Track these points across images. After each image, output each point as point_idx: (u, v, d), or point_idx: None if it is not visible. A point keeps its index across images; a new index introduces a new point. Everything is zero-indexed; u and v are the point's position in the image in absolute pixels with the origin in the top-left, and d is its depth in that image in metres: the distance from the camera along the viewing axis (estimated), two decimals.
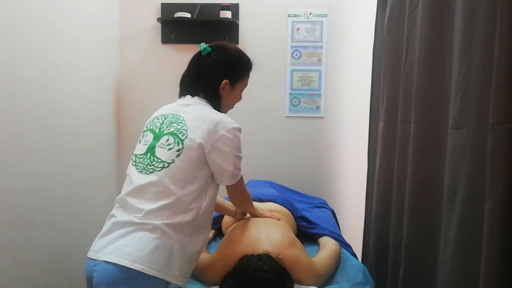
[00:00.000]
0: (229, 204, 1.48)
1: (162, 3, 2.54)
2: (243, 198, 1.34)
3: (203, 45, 1.27)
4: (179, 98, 1.31)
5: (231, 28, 2.52)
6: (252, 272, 1.09)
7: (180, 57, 1.53)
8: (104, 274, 1.06)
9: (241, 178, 1.24)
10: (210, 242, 1.57)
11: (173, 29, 2.55)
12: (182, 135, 1.15)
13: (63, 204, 1.97)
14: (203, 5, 2.51)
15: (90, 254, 1.13)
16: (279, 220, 1.46)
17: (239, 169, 1.20)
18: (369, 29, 1.80)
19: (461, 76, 1.00)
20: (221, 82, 1.25)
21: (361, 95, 2.08)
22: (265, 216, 1.44)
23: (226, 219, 1.62)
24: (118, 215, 1.15)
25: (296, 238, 1.33)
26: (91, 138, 2.25)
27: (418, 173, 1.23)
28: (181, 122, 1.18)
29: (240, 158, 1.19)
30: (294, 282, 1.17)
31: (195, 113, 1.19)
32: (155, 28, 2.57)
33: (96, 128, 2.31)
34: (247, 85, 1.35)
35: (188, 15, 2.46)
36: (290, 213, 1.62)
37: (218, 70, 1.25)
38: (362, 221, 1.82)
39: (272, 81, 2.57)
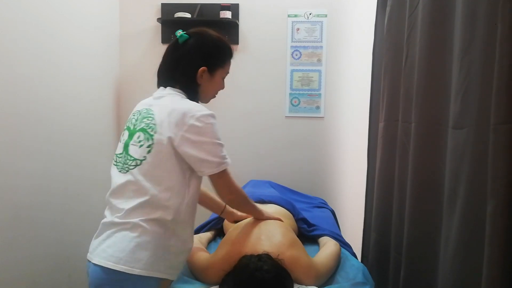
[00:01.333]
0: (217, 200, 1.42)
1: (162, 3, 2.54)
2: (231, 193, 1.19)
3: (180, 32, 1.20)
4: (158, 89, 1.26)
5: (231, 28, 2.52)
6: (252, 272, 1.09)
7: None
8: (93, 276, 1.10)
9: (225, 171, 1.14)
10: (210, 242, 1.57)
11: (173, 29, 2.50)
12: (152, 130, 1.12)
13: (62, 204, 1.97)
14: (203, 5, 2.50)
15: (87, 255, 1.15)
16: (280, 220, 1.46)
17: (220, 157, 1.11)
18: (369, 29, 1.80)
19: (462, 76, 1.00)
20: (199, 69, 1.18)
21: (361, 95, 2.08)
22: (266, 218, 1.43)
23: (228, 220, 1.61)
24: (107, 215, 1.16)
25: (297, 238, 1.33)
26: (91, 138, 2.24)
27: (419, 173, 1.23)
28: (150, 117, 1.14)
29: (218, 145, 1.12)
30: (294, 282, 1.16)
31: (164, 105, 1.14)
32: (155, 28, 2.57)
33: (96, 128, 2.31)
34: (228, 72, 1.28)
35: (188, 15, 2.46)
36: (291, 215, 1.61)
37: (195, 57, 1.19)
38: (362, 221, 1.82)
39: (272, 81, 2.57)
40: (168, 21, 2.52)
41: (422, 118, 1.22)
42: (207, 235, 1.59)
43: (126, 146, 1.17)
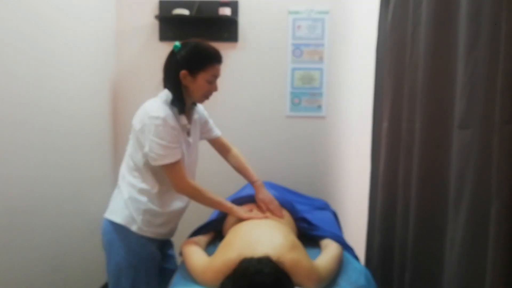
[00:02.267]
0: (250, 172, 1.75)
1: (160, 0, 2.51)
2: (176, 186, 1.43)
3: (176, 43, 1.43)
4: None
5: (230, 25, 2.49)
6: (252, 275, 1.07)
7: None
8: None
9: (168, 165, 1.38)
10: (209, 245, 1.55)
11: (171, 26, 2.52)
12: (134, 120, 1.45)
13: (58, 205, 1.95)
14: (202, 2, 2.47)
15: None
16: (267, 218, 1.48)
17: (156, 154, 1.36)
18: (372, 26, 1.77)
19: (467, 75, 0.99)
20: (179, 72, 1.39)
21: (363, 94, 2.05)
22: (246, 218, 1.46)
23: (227, 222, 1.59)
24: None
25: (298, 240, 1.31)
26: (87, 137, 2.22)
27: (424, 174, 1.22)
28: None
29: (156, 143, 1.35)
30: (295, 286, 1.14)
31: (144, 103, 1.45)
32: (153, 25, 2.54)
33: (91, 127, 2.29)
34: (215, 76, 1.44)
35: (186, 12, 2.43)
36: (289, 215, 1.59)
37: (179, 62, 1.40)
38: (365, 223, 1.80)
39: (272, 80, 2.54)
40: (166, 18, 2.49)
41: (427, 117, 1.21)
42: (206, 237, 1.57)
43: None
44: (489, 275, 0.84)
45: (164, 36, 2.53)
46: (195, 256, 1.33)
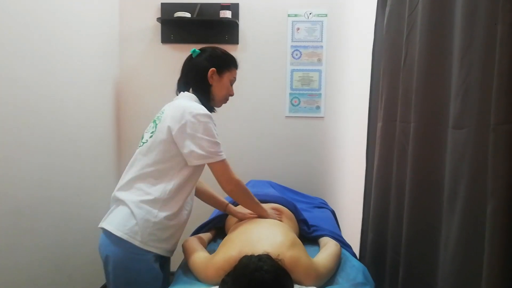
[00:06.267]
0: (220, 197, 1.59)
1: (162, 3, 2.54)
2: (229, 183, 1.36)
3: (194, 49, 1.46)
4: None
5: (231, 27, 2.51)
6: (252, 272, 1.08)
7: (180, 57, 1.53)
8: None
9: (222, 162, 1.33)
10: (210, 242, 1.57)
11: (173, 29, 2.55)
12: (158, 121, 1.36)
13: (62, 205, 1.96)
14: (203, 5, 2.50)
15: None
16: (280, 221, 1.46)
17: (209, 152, 1.30)
18: (369, 28, 1.80)
19: (462, 76, 0.99)
20: (209, 70, 1.40)
21: (361, 95, 2.07)
22: (269, 217, 1.44)
23: (229, 220, 1.61)
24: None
25: (297, 238, 1.33)
26: (90, 138, 2.24)
27: (418, 174, 1.22)
28: (162, 111, 1.39)
29: (209, 141, 1.30)
30: (294, 283, 1.16)
31: (174, 104, 1.37)
32: (155, 28, 2.57)
33: (95, 129, 2.31)
34: (235, 79, 1.49)
35: (188, 15, 2.46)
36: (293, 215, 1.61)
37: (205, 63, 1.42)
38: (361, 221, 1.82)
39: (272, 81, 2.57)
40: (168, 21, 2.52)
41: (421, 118, 1.21)
42: (207, 235, 1.59)
43: (143, 134, 1.43)
44: (485, 274, 0.83)
45: (166, 38, 2.56)
46: (197, 253, 1.34)
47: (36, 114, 1.78)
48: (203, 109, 1.33)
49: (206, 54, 1.44)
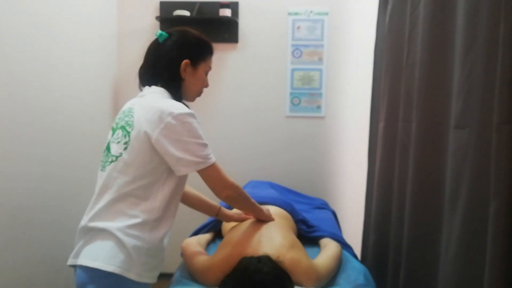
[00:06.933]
0: (210, 202, 1.42)
1: (161, 1, 2.52)
2: (225, 187, 1.16)
3: (159, 31, 1.23)
4: (140, 90, 1.28)
5: (230, 26, 2.50)
6: (252, 274, 1.08)
7: None
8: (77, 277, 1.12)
9: (214, 166, 1.12)
10: (209, 244, 1.56)
11: (172, 27, 2.51)
12: (129, 127, 1.12)
13: (59, 205, 1.96)
14: (202, 3, 2.49)
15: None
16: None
17: (198, 156, 1.09)
18: (371, 27, 1.78)
19: (464, 75, 0.99)
20: (181, 62, 1.19)
21: (362, 94, 2.06)
22: (268, 219, 1.40)
23: (227, 223, 1.60)
24: (83, 218, 1.22)
25: (297, 240, 1.32)
26: (88, 137, 2.23)
27: (420, 174, 1.22)
28: (131, 115, 1.15)
29: (197, 144, 1.09)
30: (295, 285, 1.15)
31: (144, 103, 1.16)
32: (154, 26, 2.55)
33: (93, 128, 2.30)
34: (210, 68, 1.28)
35: (187, 13, 2.44)
36: (290, 216, 1.60)
37: (177, 52, 1.20)
38: (362, 222, 1.81)
39: (272, 80, 2.55)
40: (167, 19, 2.50)
41: (423, 117, 1.21)
42: (206, 236, 1.58)
43: (108, 145, 1.18)
44: (487, 276, 0.83)
45: None
46: (196, 255, 1.33)
47: (34, 112, 1.77)
48: (183, 108, 1.12)
49: (176, 39, 1.22)
